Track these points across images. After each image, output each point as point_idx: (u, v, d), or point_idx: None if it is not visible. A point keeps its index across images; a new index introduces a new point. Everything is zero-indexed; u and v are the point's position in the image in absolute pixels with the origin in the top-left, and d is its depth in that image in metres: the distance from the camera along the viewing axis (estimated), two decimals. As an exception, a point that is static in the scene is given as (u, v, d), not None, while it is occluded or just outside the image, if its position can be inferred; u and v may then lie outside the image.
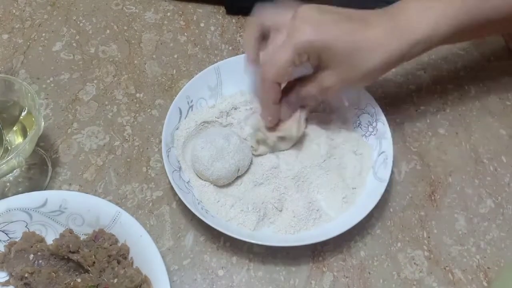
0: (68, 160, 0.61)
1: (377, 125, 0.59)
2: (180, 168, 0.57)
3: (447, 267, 0.54)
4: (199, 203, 0.55)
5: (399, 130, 0.63)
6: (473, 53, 0.71)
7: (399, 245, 0.55)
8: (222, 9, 0.75)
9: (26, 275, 0.49)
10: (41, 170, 0.60)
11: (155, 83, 0.67)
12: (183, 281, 0.53)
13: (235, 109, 0.61)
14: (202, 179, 0.57)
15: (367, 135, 0.60)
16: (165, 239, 0.55)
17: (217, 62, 0.63)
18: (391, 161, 0.56)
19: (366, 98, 0.60)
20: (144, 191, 0.58)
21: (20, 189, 0.58)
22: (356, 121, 0.61)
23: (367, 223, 0.56)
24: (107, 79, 0.68)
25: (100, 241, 0.51)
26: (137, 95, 0.66)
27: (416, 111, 0.65)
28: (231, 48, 0.71)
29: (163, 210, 0.57)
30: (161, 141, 0.57)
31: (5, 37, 0.72)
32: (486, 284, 0.53)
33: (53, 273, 0.49)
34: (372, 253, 0.55)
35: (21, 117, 0.56)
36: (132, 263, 0.51)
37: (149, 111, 0.65)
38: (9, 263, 0.51)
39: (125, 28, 0.73)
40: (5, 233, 0.52)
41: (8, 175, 0.56)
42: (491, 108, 0.65)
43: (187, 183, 0.57)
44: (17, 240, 0.52)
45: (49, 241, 0.52)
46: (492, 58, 0.70)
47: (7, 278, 0.51)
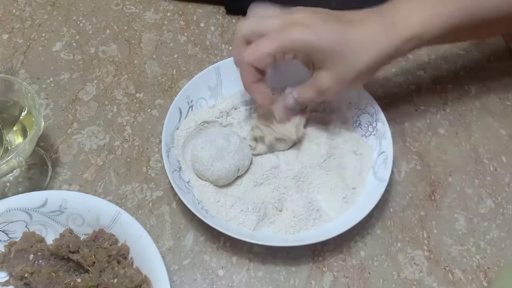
0: (68, 160, 0.61)
1: (377, 125, 0.59)
2: (180, 168, 0.57)
3: (447, 267, 0.54)
4: (199, 203, 0.55)
5: (399, 130, 0.63)
6: (473, 53, 0.71)
7: (399, 245, 0.55)
8: (222, 9, 0.75)
9: (26, 275, 0.49)
10: (41, 170, 0.60)
11: (155, 83, 0.67)
12: (183, 281, 0.53)
13: (235, 109, 0.61)
14: (202, 179, 0.57)
15: (367, 135, 0.60)
16: (165, 239, 0.55)
17: (217, 62, 0.63)
18: (391, 161, 0.56)
19: (366, 98, 0.60)
20: (144, 191, 0.58)
21: (20, 189, 0.58)
22: (356, 121, 0.61)
23: (367, 223, 0.56)
24: (107, 79, 0.68)
25: (100, 241, 0.51)
26: (137, 95, 0.66)
27: (416, 111, 0.65)
28: (231, 48, 0.71)
29: (163, 210, 0.57)
30: (161, 141, 0.57)
31: (5, 37, 0.72)
32: (486, 284, 0.53)
33: (53, 273, 0.49)
34: (372, 253, 0.55)
35: (21, 117, 0.56)
36: (132, 263, 0.51)
37: (149, 111, 0.65)
38: (9, 263, 0.51)
39: (125, 28, 0.73)
40: (5, 233, 0.52)
41: (8, 175, 0.56)
42: (491, 108, 0.65)
43: (187, 183, 0.57)
44: (17, 240, 0.52)
45: (49, 241, 0.52)
46: (492, 58, 0.70)
47: (7, 278, 0.51)
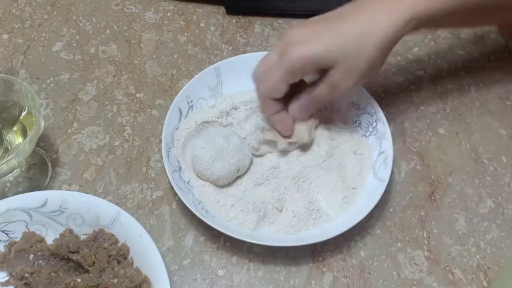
0: (68, 160, 0.61)
1: (377, 125, 0.59)
2: (180, 168, 0.57)
3: (447, 267, 0.54)
4: (199, 203, 0.55)
5: (399, 130, 0.63)
6: (473, 53, 0.71)
7: (399, 245, 0.55)
8: (222, 9, 0.75)
9: (26, 275, 0.49)
10: (41, 170, 0.60)
11: (155, 83, 0.67)
12: (183, 281, 0.53)
13: (235, 109, 0.61)
14: (202, 179, 0.57)
15: (367, 135, 0.60)
16: (165, 239, 0.55)
17: (217, 62, 0.63)
18: (391, 161, 0.56)
19: (366, 98, 0.60)
20: (144, 191, 0.58)
21: (20, 189, 0.58)
22: (356, 121, 0.61)
23: (367, 223, 0.56)
24: (107, 79, 0.68)
25: (100, 241, 0.51)
26: (137, 95, 0.66)
27: (416, 111, 0.65)
28: (231, 48, 0.71)
29: (163, 210, 0.57)
30: (161, 141, 0.57)
31: (5, 37, 0.72)
32: (486, 284, 0.53)
33: (53, 273, 0.49)
34: (372, 253, 0.55)
35: (21, 117, 0.56)
36: (132, 263, 0.51)
37: (149, 111, 0.65)
38: (9, 263, 0.51)
39: (125, 28, 0.73)
40: (5, 233, 0.52)
41: (8, 175, 0.56)
42: (491, 108, 0.65)
43: (187, 183, 0.57)
44: (17, 240, 0.52)
45: (49, 241, 0.52)
46: (492, 58, 0.70)
47: (7, 278, 0.51)
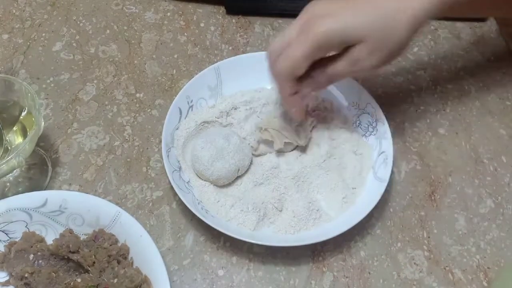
0: (68, 160, 0.61)
1: (377, 125, 0.59)
2: (180, 168, 0.57)
3: (447, 267, 0.54)
4: (199, 203, 0.55)
5: (399, 130, 0.63)
6: (473, 53, 0.71)
7: (399, 245, 0.55)
8: (222, 9, 0.75)
9: (26, 275, 0.49)
10: (41, 170, 0.60)
11: (155, 83, 0.67)
12: (183, 281, 0.53)
13: (235, 109, 0.61)
14: (202, 179, 0.57)
15: (367, 135, 0.60)
16: (165, 239, 0.55)
17: (217, 62, 0.64)
18: (391, 161, 0.56)
19: (366, 98, 0.60)
20: (144, 191, 0.58)
21: (20, 189, 0.58)
22: (356, 121, 0.61)
23: (367, 223, 0.56)
24: (107, 79, 0.68)
25: (100, 241, 0.51)
26: (137, 95, 0.66)
27: (416, 111, 0.65)
28: (231, 48, 0.71)
29: (163, 210, 0.57)
30: (161, 141, 0.57)
31: (5, 37, 0.72)
32: (486, 284, 0.53)
33: (53, 273, 0.49)
34: (372, 253, 0.55)
35: (21, 117, 0.56)
36: (132, 263, 0.51)
37: (149, 111, 0.65)
38: (9, 263, 0.51)
39: (125, 28, 0.73)
40: (5, 233, 0.52)
41: (8, 175, 0.56)
42: (491, 108, 0.65)
43: (187, 183, 0.57)
44: (17, 240, 0.52)
45: (49, 241, 0.52)
46: (492, 58, 0.70)
47: (7, 278, 0.51)
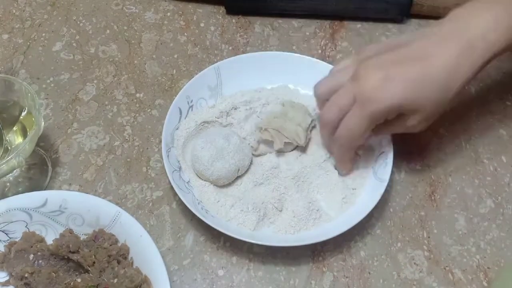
0: (68, 160, 0.61)
1: (377, 125, 0.59)
2: (180, 168, 0.57)
3: (447, 267, 0.54)
4: (199, 203, 0.55)
5: (399, 130, 0.63)
6: (473, 53, 0.71)
7: (399, 245, 0.55)
8: (222, 9, 0.75)
9: (26, 275, 0.49)
10: (41, 170, 0.60)
11: (155, 83, 0.67)
12: (183, 281, 0.53)
13: (235, 109, 0.61)
14: (202, 179, 0.57)
15: (367, 135, 0.60)
16: (165, 239, 0.55)
17: (217, 62, 0.64)
18: (391, 161, 0.56)
19: (366, 98, 0.60)
20: (144, 191, 0.58)
21: (20, 189, 0.58)
22: (356, 121, 0.61)
23: (367, 223, 0.56)
24: (107, 79, 0.68)
25: (100, 241, 0.51)
26: (137, 95, 0.66)
27: (416, 111, 0.65)
28: (231, 48, 0.71)
29: (163, 210, 0.57)
30: (161, 141, 0.57)
31: (5, 37, 0.72)
32: (486, 284, 0.53)
33: (53, 273, 0.49)
34: (372, 253, 0.55)
35: (21, 117, 0.56)
36: (132, 263, 0.51)
37: (149, 111, 0.65)
38: (9, 263, 0.51)
39: (125, 28, 0.73)
40: (5, 233, 0.52)
41: (8, 175, 0.56)
42: (491, 108, 0.65)
43: (187, 183, 0.57)
44: (17, 240, 0.52)
45: (49, 241, 0.52)
46: (492, 58, 0.70)
47: (7, 278, 0.51)
